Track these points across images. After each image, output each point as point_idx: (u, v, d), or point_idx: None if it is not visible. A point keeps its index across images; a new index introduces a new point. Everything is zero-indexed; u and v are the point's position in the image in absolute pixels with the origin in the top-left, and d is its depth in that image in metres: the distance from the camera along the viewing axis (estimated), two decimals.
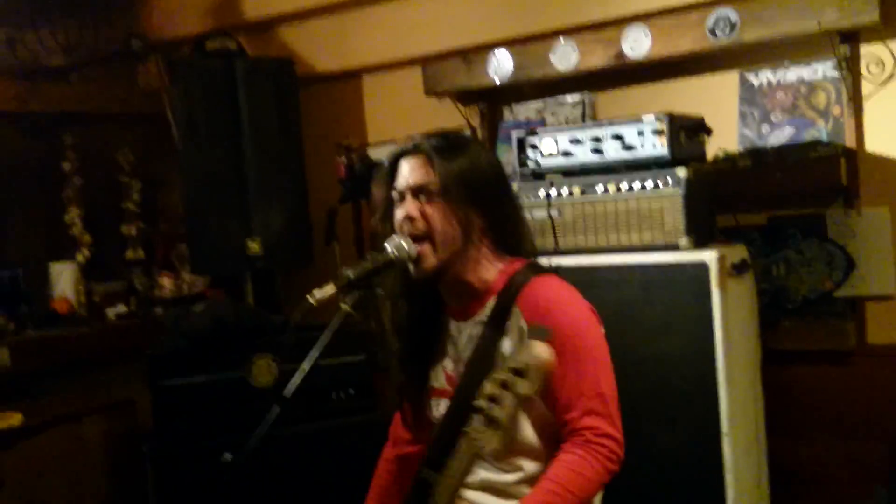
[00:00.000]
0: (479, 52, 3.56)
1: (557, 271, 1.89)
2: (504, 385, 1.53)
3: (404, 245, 1.78)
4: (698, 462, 2.62)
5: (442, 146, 1.82)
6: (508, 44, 3.50)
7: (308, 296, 1.72)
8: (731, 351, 2.60)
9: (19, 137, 4.03)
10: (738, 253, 2.78)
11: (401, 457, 2.11)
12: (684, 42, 3.14)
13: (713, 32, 3.08)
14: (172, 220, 4.45)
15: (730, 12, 3.04)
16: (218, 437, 2.73)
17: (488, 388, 1.54)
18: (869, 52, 3.00)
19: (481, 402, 1.54)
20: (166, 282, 4.30)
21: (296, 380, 1.71)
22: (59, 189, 4.07)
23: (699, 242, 2.68)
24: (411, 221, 1.79)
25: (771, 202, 3.20)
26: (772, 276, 3.18)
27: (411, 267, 1.80)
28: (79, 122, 4.06)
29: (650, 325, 2.67)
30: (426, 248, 1.79)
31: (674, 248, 2.68)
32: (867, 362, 3.06)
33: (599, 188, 2.79)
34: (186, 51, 4.04)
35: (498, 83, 3.49)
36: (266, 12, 3.98)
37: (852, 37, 2.99)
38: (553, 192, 2.86)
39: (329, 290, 1.73)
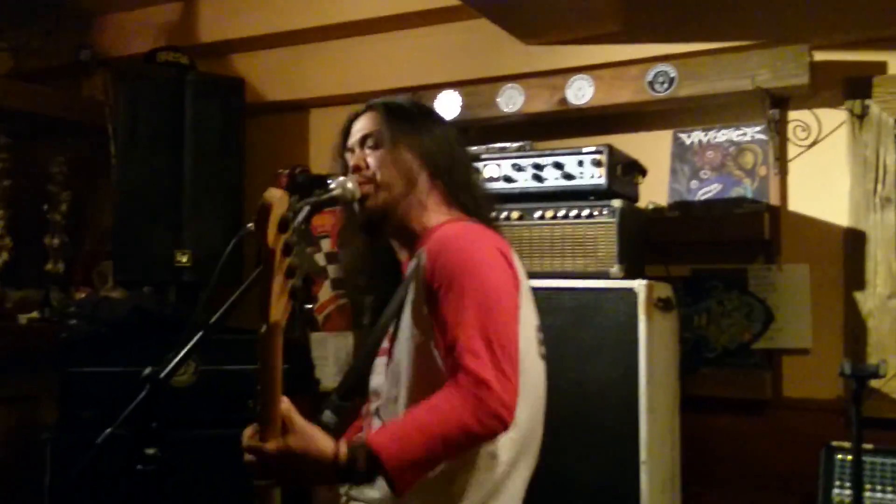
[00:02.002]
0: (427, 91, 3.65)
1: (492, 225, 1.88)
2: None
3: (349, 185, 1.80)
4: (616, 492, 2.62)
5: (393, 104, 1.89)
6: (457, 85, 3.60)
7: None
8: (653, 379, 2.65)
9: None
10: (665, 290, 2.86)
11: None
12: (625, 93, 3.30)
13: (652, 86, 3.24)
14: (98, 237, 4.35)
15: (669, 68, 3.21)
16: (126, 434, 2.60)
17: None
18: (796, 117, 3.19)
19: None
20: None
21: (222, 311, 1.67)
22: None
23: (629, 273, 2.75)
24: (358, 170, 1.82)
25: (696, 254, 3.31)
26: (693, 325, 3.27)
27: (356, 206, 1.82)
28: (15, 122, 3.97)
29: (580, 350, 2.70)
30: (370, 188, 1.81)
31: (605, 275, 2.75)
32: (782, 414, 3.13)
33: (537, 214, 2.86)
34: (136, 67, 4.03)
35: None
36: (220, 35, 4.01)
37: (782, 102, 3.18)
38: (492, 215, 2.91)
39: None
